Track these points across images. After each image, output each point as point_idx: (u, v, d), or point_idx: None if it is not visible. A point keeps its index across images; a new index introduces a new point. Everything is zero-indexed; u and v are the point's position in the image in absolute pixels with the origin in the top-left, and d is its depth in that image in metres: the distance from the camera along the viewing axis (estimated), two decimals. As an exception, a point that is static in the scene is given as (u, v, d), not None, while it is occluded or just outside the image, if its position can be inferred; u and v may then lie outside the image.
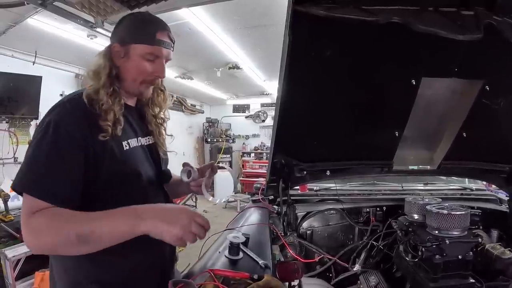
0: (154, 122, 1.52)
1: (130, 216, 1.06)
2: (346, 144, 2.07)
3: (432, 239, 1.60)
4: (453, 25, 1.34)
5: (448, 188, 2.79)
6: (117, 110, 1.24)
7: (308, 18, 1.24)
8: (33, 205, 1.05)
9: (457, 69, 1.64)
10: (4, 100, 4.51)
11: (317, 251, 2.18)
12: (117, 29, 1.34)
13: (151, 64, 1.32)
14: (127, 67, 1.31)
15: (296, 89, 1.58)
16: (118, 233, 1.05)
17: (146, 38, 1.28)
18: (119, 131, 1.24)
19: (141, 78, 1.33)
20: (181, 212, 1.09)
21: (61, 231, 1.02)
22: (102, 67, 1.27)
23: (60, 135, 1.11)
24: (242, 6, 3.59)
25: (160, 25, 1.33)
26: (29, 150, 1.12)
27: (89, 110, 1.19)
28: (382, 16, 1.26)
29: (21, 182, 1.09)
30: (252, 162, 11.49)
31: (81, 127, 1.15)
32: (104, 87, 1.23)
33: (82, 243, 1.02)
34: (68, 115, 1.15)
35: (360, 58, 1.57)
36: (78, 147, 1.13)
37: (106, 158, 1.18)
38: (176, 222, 1.05)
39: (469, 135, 1.97)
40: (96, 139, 1.16)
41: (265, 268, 1.34)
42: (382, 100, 1.80)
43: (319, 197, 2.61)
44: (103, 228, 1.04)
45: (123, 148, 1.26)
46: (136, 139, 1.37)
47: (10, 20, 3.83)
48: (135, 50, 1.28)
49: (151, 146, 1.47)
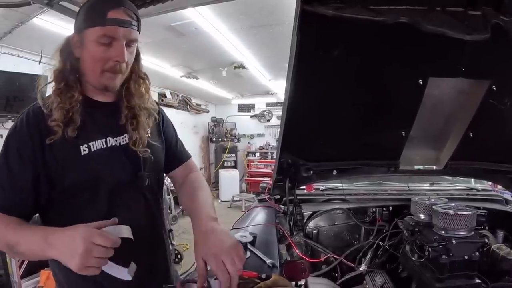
0: (126, 114, 1.30)
1: (41, 241, 0.99)
2: (353, 144, 2.07)
3: (438, 239, 1.60)
4: (460, 25, 1.34)
5: (454, 188, 2.77)
6: (69, 107, 1.14)
7: (316, 18, 1.25)
8: None
9: (464, 69, 1.63)
10: (10, 99, 4.51)
11: (323, 251, 2.18)
12: (76, 18, 1.21)
13: (108, 49, 1.15)
14: (84, 56, 1.19)
15: (304, 89, 1.58)
16: (34, 253, 1.06)
17: (96, 19, 1.13)
18: (71, 132, 1.13)
19: (99, 66, 1.18)
20: (76, 238, 0.92)
21: None
22: (54, 62, 1.21)
23: (9, 147, 1.11)
24: (248, 6, 3.60)
25: (112, 2, 1.15)
26: None
27: (45, 116, 1.13)
28: (390, 16, 1.27)
29: None
30: (257, 161, 11.50)
31: (30, 137, 1.11)
32: (55, 83, 1.18)
33: (12, 252, 1.08)
34: (21, 125, 1.13)
35: (368, 58, 1.57)
36: (25, 157, 1.10)
37: (60, 166, 1.13)
38: (73, 252, 0.91)
39: (475, 135, 1.96)
40: (46, 145, 1.11)
41: (272, 268, 1.35)
42: (389, 100, 1.80)
43: (325, 197, 2.60)
44: (22, 245, 1.03)
45: (80, 153, 1.16)
46: (105, 140, 1.23)
47: (16, 19, 3.85)
48: (87, 35, 1.15)
49: (127, 146, 1.29)
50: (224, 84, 8.87)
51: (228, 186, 10.45)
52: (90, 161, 1.18)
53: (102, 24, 1.12)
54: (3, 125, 4.72)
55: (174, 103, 9.29)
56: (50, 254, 0.98)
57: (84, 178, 1.17)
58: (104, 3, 1.15)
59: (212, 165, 11.93)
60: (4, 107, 4.51)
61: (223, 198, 10.28)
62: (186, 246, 5.76)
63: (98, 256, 0.91)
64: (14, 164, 1.10)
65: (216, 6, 3.62)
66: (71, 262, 0.91)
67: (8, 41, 4.50)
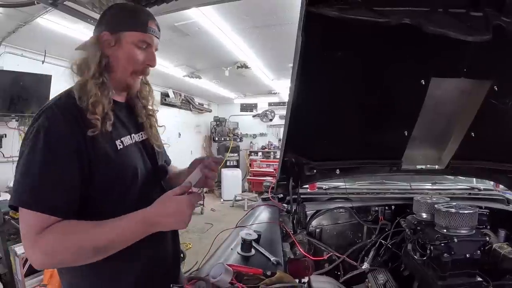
0: (144, 113, 1.44)
1: (140, 225, 1.07)
2: (356, 143, 2.09)
3: (440, 237, 1.62)
4: (462, 26, 1.36)
5: (456, 187, 2.80)
6: (105, 104, 1.19)
7: (321, 19, 1.26)
8: (37, 222, 1.01)
9: (466, 69, 1.65)
10: (14, 99, 4.52)
11: (326, 249, 2.20)
12: (104, 18, 1.29)
13: (143, 52, 1.28)
14: (118, 55, 1.25)
15: (308, 89, 1.60)
16: (131, 240, 1.09)
17: (139, 25, 1.25)
18: (109, 126, 1.18)
19: (132, 67, 1.28)
20: (182, 206, 1.09)
21: (79, 248, 1.03)
22: (91, 57, 1.21)
23: (52, 142, 1.06)
24: (252, 6, 3.60)
25: (150, 14, 1.31)
26: (20, 161, 1.07)
27: (78, 108, 1.14)
28: (394, 18, 1.28)
29: (18, 197, 1.03)
30: (259, 161, 11.48)
31: (71, 130, 1.10)
32: (93, 78, 1.18)
33: (98, 254, 1.05)
34: (57, 119, 1.09)
35: (371, 59, 1.59)
36: (72, 152, 1.08)
37: (100, 161, 1.14)
38: (181, 218, 1.09)
39: (477, 135, 1.98)
40: (88, 139, 1.11)
41: (277, 265, 1.37)
42: (392, 100, 1.82)
43: (328, 196, 2.63)
44: (118, 238, 1.06)
45: (117, 148, 1.21)
46: (130, 136, 1.31)
47: (19, 19, 3.84)
48: (127, 38, 1.24)
49: (145, 141, 1.41)
50: (226, 84, 8.84)
51: (230, 185, 10.47)
52: (125, 155, 1.24)
53: (144, 31, 1.25)
54: (7, 124, 4.74)
55: (177, 103, 9.28)
56: (156, 229, 1.10)
57: (121, 172, 1.21)
58: (143, 13, 1.29)
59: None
60: (8, 107, 4.51)
61: (226, 197, 10.31)
62: (189, 245, 5.78)
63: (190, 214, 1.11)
64: (61, 160, 1.06)
65: (220, 6, 3.62)
66: (179, 225, 1.12)
67: (12, 40, 4.50)
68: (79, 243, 1.02)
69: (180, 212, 1.09)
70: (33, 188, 1.02)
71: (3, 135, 4.68)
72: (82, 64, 1.22)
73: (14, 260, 3.69)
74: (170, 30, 4.22)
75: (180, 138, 9.49)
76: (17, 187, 1.04)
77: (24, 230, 1.03)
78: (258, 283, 1.15)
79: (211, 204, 9.53)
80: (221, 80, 8.15)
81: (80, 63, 1.22)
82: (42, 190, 1.02)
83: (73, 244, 1.02)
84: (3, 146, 4.68)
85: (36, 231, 1.01)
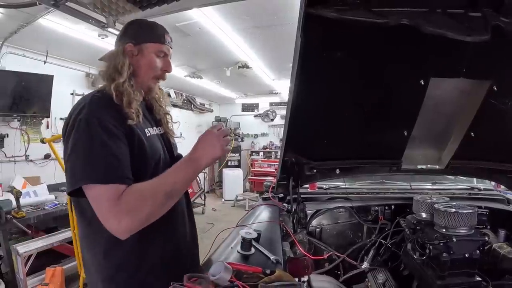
0: (162, 111, 1.67)
1: (188, 163, 1.33)
2: (355, 143, 2.10)
3: (439, 237, 1.62)
4: (461, 27, 1.36)
5: (456, 187, 2.80)
6: (138, 101, 1.40)
7: (320, 20, 1.28)
8: (111, 193, 1.16)
9: (465, 69, 1.66)
10: (16, 99, 4.55)
11: (326, 249, 2.20)
12: (127, 31, 1.48)
13: (161, 61, 1.49)
14: (141, 63, 1.46)
15: (307, 89, 1.61)
16: (188, 178, 1.33)
17: (158, 37, 1.47)
18: (141, 118, 1.38)
19: (153, 73, 1.49)
20: (208, 139, 1.35)
21: (154, 198, 1.21)
22: (121, 64, 1.40)
23: (103, 126, 1.22)
24: (252, 6, 3.60)
25: (164, 29, 1.52)
26: (76, 148, 1.21)
27: (113, 103, 1.32)
28: (392, 18, 1.29)
29: (88, 177, 1.17)
30: (260, 161, 11.49)
31: (114, 117, 1.27)
32: (126, 81, 1.38)
33: (169, 199, 1.25)
34: (100, 109, 1.27)
35: (370, 59, 1.60)
36: (122, 134, 1.27)
37: (136, 144, 1.32)
38: (214, 147, 1.33)
39: (477, 135, 1.98)
40: (127, 127, 1.30)
41: (276, 264, 1.38)
42: (391, 100, 1.82)
43: (328, 195, 2.64)
44: (177, 178, 1.28)
45: (146, 134, 1.41)
46: (152, 128, 1.52)
47: (21, 20, 3.86)
48: (148, 48, 1.45)
49: (163, 135, 1.61)
50: (228, 84, 8.85)
51: (231, 185, 10.49)
52: (153, 140, 1.45)
53: (163, 42, 1.48)
54: (9, 124, 4.77)
55: (178, 102, 9.29)
56: (202, 164, 1.33)
57: (150, 154, 1.38)
58: (160, 27, 1.50)
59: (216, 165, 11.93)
60: (10, 106, 4.54)
61: (227, 197, 10.32)
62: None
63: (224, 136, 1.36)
64: (117, 139, 1.25)
65: (221, 7, 3.63)
66: (217, 151, 1.34)
67: (14, 41, 4.52)
68: (151, 193, 1.21)
69: (212, 142, 1.34)
70: (105, 165, 1.18)
71: (5, 135, 4.71)
72: (114, 70, 1.40)
73: (16, 259, 3.70)
74: (171, 30, 4.13)
75: (182, 138, 9.41)
76: (82, 171, 1.18)
77: (102, 204, 1.18)
78: (257, 281, 1.16)
79: (212, 204, 9.54)
80: (222, 80, 8.16)
81: (112, 69, 1.40)
82: (111, 165, 1.20)
83: (147, 195, 1.21)
84: (5, 146, 4.71)
85: (114, 200, 1.16)
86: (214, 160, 1.36)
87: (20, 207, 3.91)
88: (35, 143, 4.92)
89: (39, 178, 5.05)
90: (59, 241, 4.01)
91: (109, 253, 1.32)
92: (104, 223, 1.17)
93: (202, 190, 8.95)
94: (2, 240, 3.81)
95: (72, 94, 5.57)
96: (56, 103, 4.93)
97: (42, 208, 4.19)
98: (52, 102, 4.94)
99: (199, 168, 1.32)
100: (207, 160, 1.33)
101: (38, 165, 5.18)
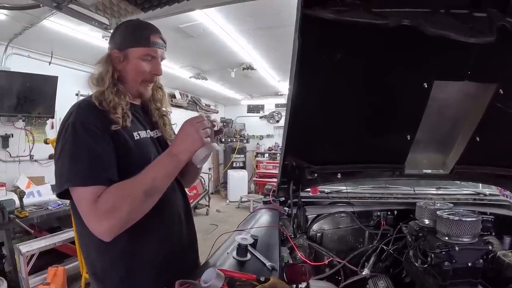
0: (157, 113, 1.64)
1: (167, 156, 1.27)
2: (358, 147, 2.06)
3: (441, 245, 1.58)
4: (464, 28, 1.33)
5: (461, 193, 2.74)
6: (124, 105, 1.38)
7: (318, 21, 1.25)
8: (92, 194, 1.16)
9: (469, 72, 1.62)
10: (21, 99, 4.57)
11: (326, 254, 2.17)
12: (113, 37, 1.49)
13: (149, 64, 1.46)
14: (128, 69, 1.45)
15: (307, 91, 1.59)
16: (168, 175, 1.27)
17: (142, 41, 1.43)
18: (129, 122, 1.38)
19: (140, 77, 1.47)
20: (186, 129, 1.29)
21: (132, 195, 1.18)
22: (104, 72, 1.41)
23: (88, 129, 1.24)
24: (255, 8, 3.58)
25: (152, 29, 1.48)
26: (63, 153, 1.23)
27: (99, 109, 1.32)
28: (392, 19, 1.26)
29: (74, 179, 1.19)
30: (266, 162, 11.45)
31: (100, 121, 1.28)
32: (108, 88, 1.37)
33: (149, 197, 1.21)
34: (87, 113, 1.30)
35: (371, 62, 1.56)
36: (108, 136, 1.27)
37: (121, 147, 1.31)
38: (193, 138, 1.26)
39: (482, 139, 1.94)
40: (112, 132, 1.29)
41: (272, 270, 1.34)
42: (394, 103, 1.78)
43: (330, 200, 2.60)
44: (156, 174, 1.23)
45: (134, 138, 1.39)
46: (145, 131, 1.50)
47: (26, 21, 3.89)
48: (133, 53, 1.43)
49: (160, 138, 1.60)
50: (233, 85, 8.86)
51: (236, 186, 10.48)
52: (141, 144, 1.43)
53: (147, 45, 1.44)
54: (14, 124, 4.79)
55: (184, 104, 9.31)
56: (183, 159, 1.27)
57: (138, 158, 1.36)
58: (145, 28, 1.47)
59: (221, 166, 11.94)
60: (15, 107, 4.56)
61: (232, 198, 10.31)
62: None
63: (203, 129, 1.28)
64: (102, 141, 1.25)
65: (223, 8, 3.62)
66: (197, 143, 1.26)
67: (19, 42, 4.55)
68: (130, 191, 1.18)
69: (191, 135, 1.26)
70: (88, 168, 1.19)
71: (10, 135, 4.74)
72: (98, 78, 1.41)
73: (18, 258, 3.74)
74: (175, 32, 4.23)
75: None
76: (68, 173, 1.20)
77: (83, 206, 1.19)
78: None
79: (216, 205, 9.55)
80: (227, 82, 8.19)
81: (97, 77, 1.41)
82: (93, 167, 1.20)
83: (126, 194, 1.18)
84: (9, 146, 4.74)
85: (93, 201, 1.16)
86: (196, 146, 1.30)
87: (23, 207, 3.97)
88: (40, 144, 4.91)
89: (44, 178, 5.07)
90: (62, 241, 4.04)
91: (101, 252, 1.34)
92: (88, 225, 1.18)
93: (207, 191, 8.97)
94: (6, 239, 3.87)
95: (77, 95, 5.56)
96: (61, 103, 4.91)
97: (45, 208, 4.24)
98: (57, 102, 4.94)
99: (180, 163, 1.28)
100: (187, 154, 1.28)
101: (42, 165, 5.18)
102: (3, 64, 4.61)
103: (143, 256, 1.38)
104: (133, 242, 1.33)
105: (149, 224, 1.29)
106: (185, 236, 1.60)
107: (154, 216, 1.29)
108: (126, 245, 1.32)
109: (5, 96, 4.44)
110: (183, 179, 1.68)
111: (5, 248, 3.91)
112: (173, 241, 1.52)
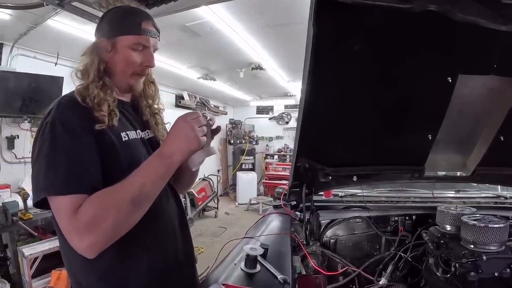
0: (148, 111, 1.51)
1: (158, 158, 1.13)
2: (375, 148, 1.96)
3: (467, 254, 1.46)
4: (494, 14, 1.20)
5: (481, 196, 2.61)
6: (110, 102, 1.25)
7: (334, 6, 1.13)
8: (71, 204, 1.03)
9: (496, 65, 1.51)
10: (26, 100, 4.55)
11: (340, 261, 2.05)
12: (100, 24, 1.34)
13: (139, 54, 1.32)
14: (116, 60, 1.30)
15: (321, 88, 1.49)
16: (159, 179, 1.13)
17: (132, 28, 1.28)
18: (115, 121, 1.24)
19: (130, 69, 1.33)
20: (179, 127, 1.14)
21: (118, 205, 1.04)
22: (89, 64, 1.27)
23: (68, 130, 1.10)
24: (264, 4, 3.53)
25: (144, 15, 1.34)
26: (40, 157, 1.09)
27: (83, 107, 1.18)
28: (417, 4, 1.14)
29: (50, 187, 1.05)
30: (275, 164, 11.42)
31: (82, 119, 1.15)
32: (93, 82, 1.24)
33: (137, 206, 1.07)
34: (68, 111, 1.15)
35: (391, 52, 1.45)
36: (90, 137, 1.14)
37: (107, 149, 1.18)
38: (188, 136, 1.12)
39: (507, 139, 1.83)
40: (96, 132, 1.16)
41: (284, 284, 1.23)
42: (415, 99, 1.68)
43: (344, 204, 2.48)
44: (146, 179, 1.09)
45: (121, 139, 1.26)
46: (135, 132, 1.37)
47: (30, 21, 3.88)
48: (122, 42, 1.28)
49: (152, 139, 1.46)
50: (242, 86, 8.82)
51: (245, 188, 10.45)
52: (129, 145, 1.29)
53: (138, 33, 1.28)
54: (20, 125, 4.78)
55: (192, 105, 9.31)
56: (176, 160, 1.12)
57: (125, 160, 1.23)
58: (136, 15, 1.32)
59: (230, 168, 11.92)
60: (20, 108, 4.54)
61: (240, 201, 10.29)
62: (201, 249, 5.69)
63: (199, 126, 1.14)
64: (83, 144, 1.12)
65: (231, 5, 3.54)
66: (192, 142, 1.12)
67: (24, 42, 4.54)
68: (114, 201, 1.05)
69: (186, 133, 1.12)
70: (65, 174, 1.06)
71: (15, 136, 4.74)
72: (83, 70, 1.27)
73: (22, 261, 3.76)
74: (181, 30, 4.19)
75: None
76: (43, 180, 1.06)
77: (62, 218, 1.05)
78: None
79: (225, 208, 9.52)
80: (236, 82, 8.16)
81: (82, 69, 1.27)
82: (73, 173, 1.06)
83: (109, 203, 1.04)
84: (15, 147, 4.74)
85: (73, 212, 1.02)
86: (190, 154, 1.16)
87: (27, 209, 3.98)
88: (45, 145, 4.88)
89: (49, 180, 5.01)
90: (66, 243, 3.98)
91: (85, 269, 1.19)
92: (68, 240, 1.04)
93: (215, 193, 8.95)
94: (10, 242, 3.87)
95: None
96: (67, 104, 4.90)
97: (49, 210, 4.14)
98: (63, 103, 4.89)
99: (173, 165, 1.13)
100: (182, 155, 1.13)
101: (48, 167, 5.13)
102: (9, 64, 4.61)
103: (133, 273, 1.24)
104: (121, 259, 1.20)
105: (139, 238, 1.17)
106: (180, 249, 1.44)
107: (144, 227, 1.15)
108: (113, 261, 1.18)
109: (10, 97, 4.42)
110: (177, 184, 1.53)
111: (9, 250, 3.91)
112: (167, 255, 1.37)
